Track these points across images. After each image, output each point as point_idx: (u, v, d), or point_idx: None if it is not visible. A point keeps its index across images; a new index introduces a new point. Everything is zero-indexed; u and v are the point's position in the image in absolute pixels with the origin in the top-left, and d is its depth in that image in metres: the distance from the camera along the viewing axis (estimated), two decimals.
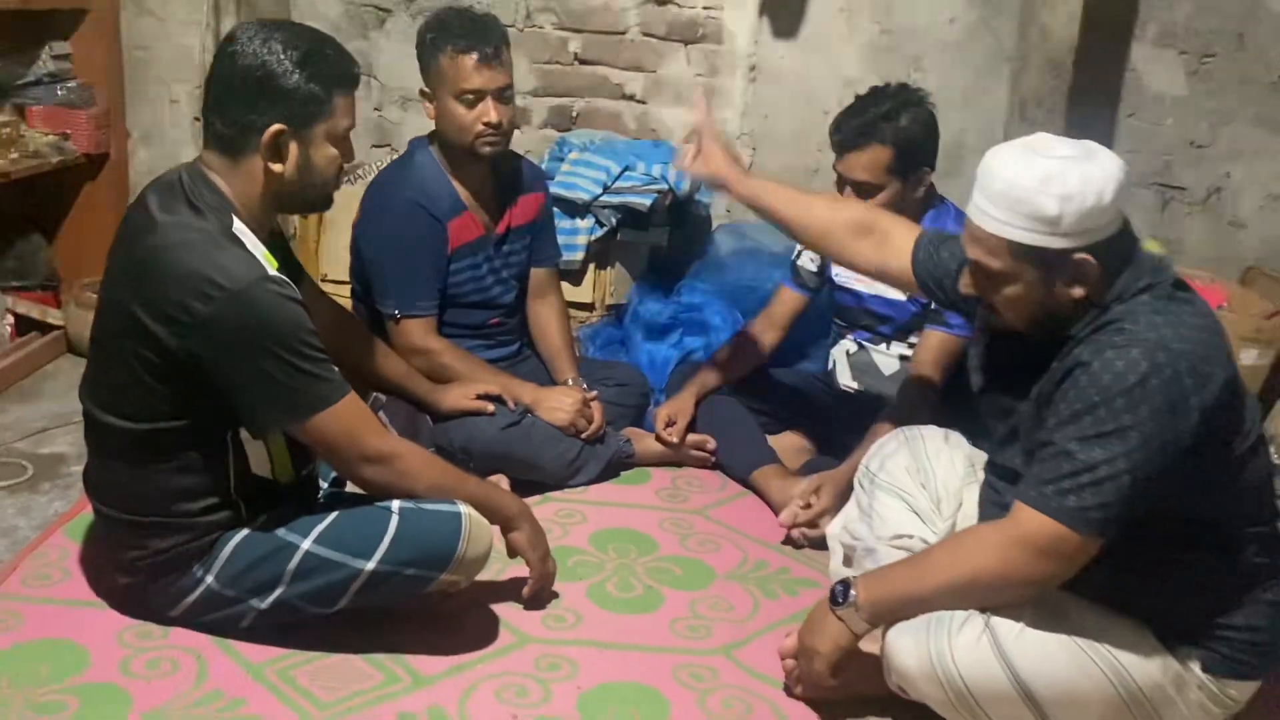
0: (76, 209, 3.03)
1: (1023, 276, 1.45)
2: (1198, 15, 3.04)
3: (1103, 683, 1.47)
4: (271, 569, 1.62)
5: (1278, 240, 3.21)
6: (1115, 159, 1.43)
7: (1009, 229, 1.42)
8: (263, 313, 1.52)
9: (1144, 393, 1.35)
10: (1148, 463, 1.37)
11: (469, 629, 1.77)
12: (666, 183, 2.86)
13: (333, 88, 1.59)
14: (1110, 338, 1.40)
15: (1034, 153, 1.43)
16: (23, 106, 2.87)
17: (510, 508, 1.82)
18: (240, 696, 1.57)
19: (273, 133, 1.57)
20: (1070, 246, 1.41)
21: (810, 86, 3.07)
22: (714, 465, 2.47)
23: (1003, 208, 1.42)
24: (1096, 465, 1.37)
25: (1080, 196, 1.38)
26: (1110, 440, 1.37)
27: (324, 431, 1.59)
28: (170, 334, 1.52)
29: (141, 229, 1.57)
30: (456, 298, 2.32)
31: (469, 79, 2.16)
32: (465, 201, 2.29)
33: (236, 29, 1.61)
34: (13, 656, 1.62)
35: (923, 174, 2.26)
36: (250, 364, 1.52)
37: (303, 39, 1.58)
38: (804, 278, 2.50)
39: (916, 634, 1.51)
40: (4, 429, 2.40)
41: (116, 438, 1.62)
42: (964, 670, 1.47)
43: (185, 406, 1.58)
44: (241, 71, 1.55)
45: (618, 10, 3.07)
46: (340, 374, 1.62)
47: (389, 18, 3.11)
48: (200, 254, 1.52)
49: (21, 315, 2.81)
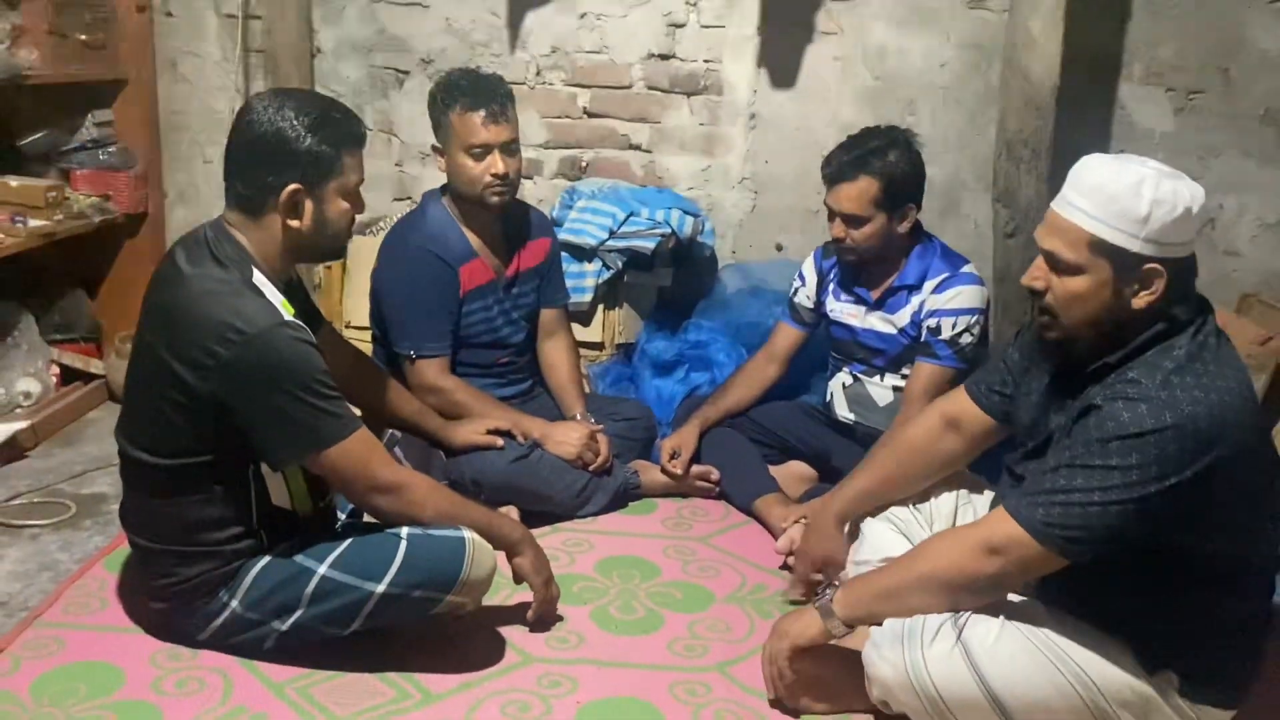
0: (117, 265, 3.21)
1: (1094, 272, 1.48)
2: (1183, 53, 3.14)
3: (1070, 694, 1.53)
4: (291, 593, 1.75)
5: (1272, 269, 3.27)
6: (1197, 188, 1.48)
7: (1095, 223, 1.47)
8: (279, 355, 1.65)
9: (1138, 444, 1.41)
10: (1122, 504, 1.43)
11: (477, 649, 1.88)
12: (669, 227, 3.00)
13: (342, 147, 1.74)
14: (1125, 389, 1.45)
15: (1130, 160, 1.50)
16: (68, 170, 3.07)
17: (513, 534, 1.93)
18: (262, 711, 1.69)
19: (290, 192, 1.71)
20: (1148, 253, 1.45)
21: (808, 132, 3.20)
22: (718, 495, 2.57)
23: (1094, 202, 1.47)
24: (1072, 490, 1.45)
25: (1171, 205, 1.44)
26: (1093, 473, 1.44)
27: (336, 464, 1.72)
28: (195, 376, 1.65)
29: (170, 281, 1.72)
30: (469, 338, 2.46)
31: (476, 134, 2.31)
32: (476, 248, 2.43)
33: (251, 99, 1.77)
34: (54, 677, 1.75)
35: (907, 210, 2.37)
36: (267, 402, 1.65)
37: (313, 105, 1.74)
38: (801, 314, 2.62)
39: (893, 646, 1.59)
40: (49, 471, 2.56)
41: (147, 473, 1.75)
42: (937, 680, 1.55)
43: (209, 443, 1.71)
44: (258, 138, 1.70)
45: (623, 66, 3.23)
46: (350, 411, 1.75)
47: (407, 79, 3.30)
48: (222, 302, 1.66)
49: (66, 366, 2.98)
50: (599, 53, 3.23)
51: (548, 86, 3.24)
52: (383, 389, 2.26)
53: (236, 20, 3.21)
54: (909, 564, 1.64)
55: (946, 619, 1.58)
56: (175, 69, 3.31)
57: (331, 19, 3.26)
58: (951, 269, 2.39)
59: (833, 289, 2.55)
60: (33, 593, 2.01)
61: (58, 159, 3.07)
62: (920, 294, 2.40)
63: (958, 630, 1.57)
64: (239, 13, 3.20)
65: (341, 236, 1.82)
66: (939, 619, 1.58)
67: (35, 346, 2.89)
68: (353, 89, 3.29)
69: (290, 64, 3.07)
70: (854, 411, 2.55)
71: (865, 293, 2.47)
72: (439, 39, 3.25)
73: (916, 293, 2.40)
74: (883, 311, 2.46)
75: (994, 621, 1.58)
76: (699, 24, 3.19)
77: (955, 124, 3.20)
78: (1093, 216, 1.48)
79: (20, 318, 2.90)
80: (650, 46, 3.22)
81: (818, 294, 2.58)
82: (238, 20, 3.21)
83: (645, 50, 3.22)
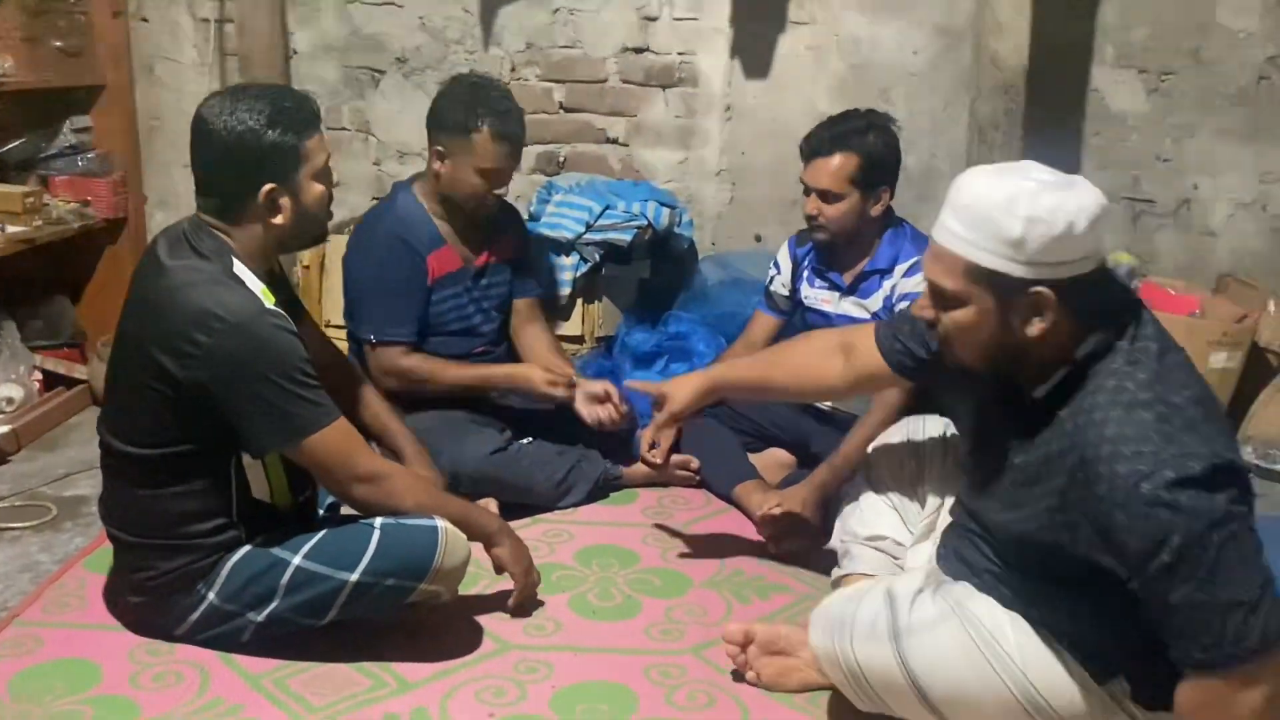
0: (98, 271, 3.23)
1: (976, 302, 1.36)
2: (1154, 35, 3.16)
3: (1001, 691, 1.46)
4: (266, 583, 1.76)
5: (1247, 247, 3.29)
6: (1096, 193, 1.34)
7: (969, 248, 1.34)
8: (261, 342, 1.67)
9: (1223, 532, 1.24)
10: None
11: (453, 638, 1.89)
12: (646, 219, 3.01)
13: (303, 134, 1.75)
14: (1134, 465, 1.26)
15: (1008, 173, 1.36)
16: (46, 177, 3.09)
17: (490, 525, 1.94)
18: (239, 703, 1.70)
19: (266, 193, 1.73)
20: (1031, 277, 1.31)
21: (784, 122, 3.21)
22: (698, 484, 2.58)
23: (966, 224, 1.34)
24: (1234, 604, 1.25)
25: (1049, 222, 1.29)
26: (1214, 586, 1.24)
27: (317, 452, 1.73)
28: (178, 365, 1.67)
29: (151, 273, 1.74)
30: (442, 325, 2.48)
31: (495, 161, 2.35)
32: (445, 235, 2.46)
33: (201, 109, 1.74)
34: (33, 675, 1.76)
35: (881, 192, 2.39)
36: (249, 389, 1.67)
37: (262, 100, 1.73)
38: (777, 302, 2.63)
39: (826, 632, 1.57)
40: (31, 475, 2.57)
41: (129, 464, 1.77)
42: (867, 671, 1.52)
43: (192, 434, 1.73)
44: (221, 147, 1.71)
45: (597, 60, 3.25)
46: (330, 400, 1.76)
47: (383, 78, 3.31)
48: (204, 292, 1.68)
49: (49, 371, 3.00)
50: (573, 47, 3.25)
51: (523, 82, 3.25)
52: (357, 393, 2.17)
53: (211, 24, 3.22)
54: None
55: (883, 612, 1.52)
56: (152, 74, 3.33)
57: (306, 20, 3.28)
58: (921, 252, 2.39)
59: (807, 275, 2.56)
60: (12, 593, 2.02)
61: (36, 165, 3.09)
62: (891, 278, 2.41)
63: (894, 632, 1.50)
64: (213, 16, 3.22)
65: (322, 217, 1.84)
66: (873, 611, 1.53)
67: (17, 352, 2.90)
68: (329, 89, 3.30)
69: (266, 66, 3.07)
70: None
71: (838, 278, 2.49)
72: (413, 37, 3.27)
73: (888, 277, 2.42)
74: (856, 296, 2.47)
75: (942, 605, 1.51)
76: (672, 17, 3.21)
77: (929, 110, 3.22)
78: (966, 241, 1.34)
79: (2, 324, 2.91)
80: (624, 40, 3.23)
81: (793, 281, 2.59)
82: (212, 24, 3.22)
83: (619, 44, 3.23)
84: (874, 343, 1.77)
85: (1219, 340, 2.86)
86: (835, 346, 1.84)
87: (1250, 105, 3.19)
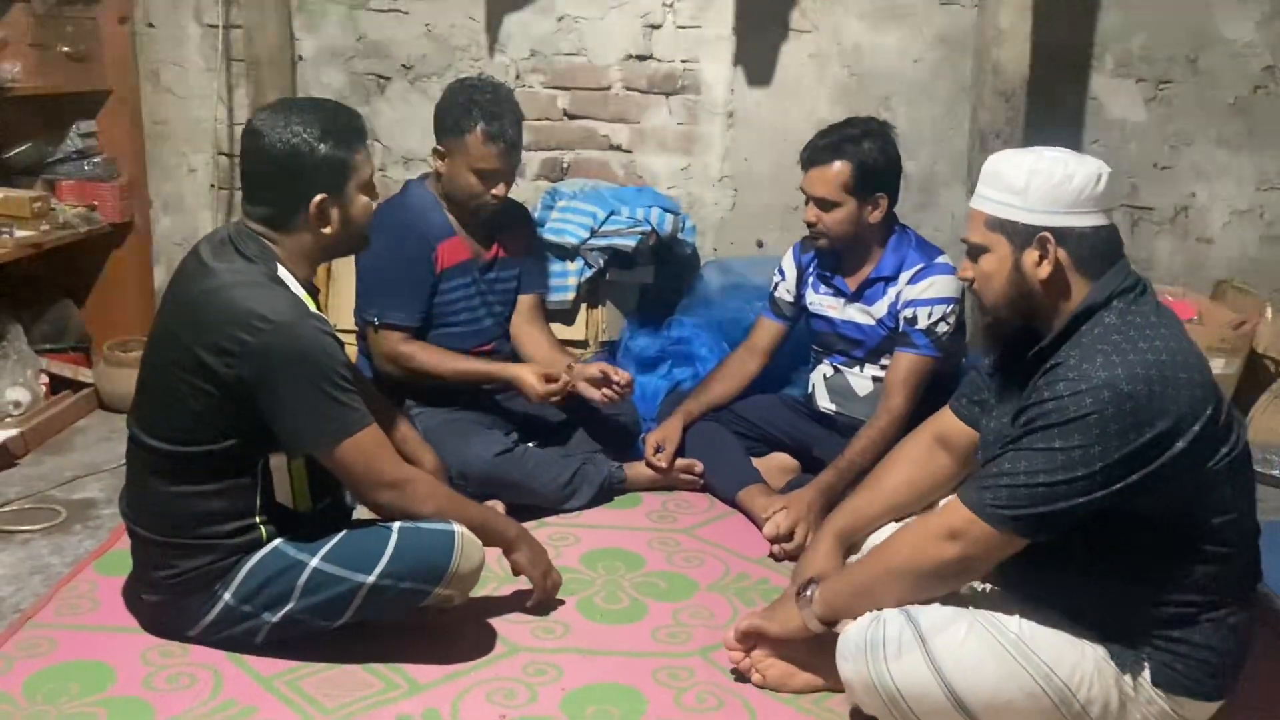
0: (104, 275, 3.25)
1: (996, 249, 1.58)
2: (1152, 44, 3.19)
3: (1038, 695, 1.52)
4: (283, 584, 1.77)
5: (1244, 254, 3.32)
6: (1100, 165, 1.55)
7: (988, 203, 1.59)
8: (304, 345, 1.70)
9: (1079, 426, 1.43)
10: (1069, 483, 1.44)
11: (464, 641, 1.91)
12: (650, 225, 3.04)
13: (351, 147, 1.80)
14: (1066, 373, 1.47)
15: (1027, 150, 1.59)
16: (53, 181, 3.10)
17: (509, 531, 1.98)
18: (252, 704, 1.71)
19: (317, 203, 1.78)
20: (1037, 223, 1.53)
21: (786, 130, 3.23)
22: (702, 488, 2.60)
23: (988, 186, 1.60)
24: (1017, 473, 1.48)
25: (1048, 173, 1.52)
26: (1036, 456, 1.47)
27: (348, 457, 1.76)
28: (222, 363, 1.70)
29: (196, 274, 1.78)
30: (447, 316, 2.51)
31: (490, 161, 2.39)
32: (455, 227, 2.50)
33: (253, 121, 1.81)
34: (47, 676, 1.77)
35: (878, 199, 2.41)
36: (290, 390, 1.70)
37: (314, 112, 1.79)
38: (781, 308, 2.66)
39: (856, 659, 1.59)
40: (40, 478, 2.58)
41: (160, 459, 1.78)
42: (903, 689, 1.54)
43: (226, 432, 1.75)
44: (275, 159, 1.76)
45: (601, 67, 3.27)
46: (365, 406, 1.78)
47: (388, 85, 3.33)
48: (250, 293, 1.71)
49: (55, 375, 3.01)
50: (577, 55, 3.27)
51: (527, 89, 3.27)
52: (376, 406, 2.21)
53: (218, 30, 3.24)
54: (879, 558, 1.67)
55: (905, 625, 1.56)
56: (158, 79, 3.35)
57: (312, 26, 3.30)
58: (926, 259, 2.43)
59: (812, 282, 2.59)
60: (24, 595, 2.04)
61: (43, 170, 3.11)
62: (896, 285, 2.44)
63: (920, 637, 1.55)
64: (220, 22, 3.23)
65: (366, 227, 1.89)
66: (898, 626, 1.56)
67: (24, 356, 2.92)
68: (335, 96, 3.31)
69: (272, 72, 3.11)
70: (835, 402, 2.59)
71: (843, 285, 2.52)
72: (419, 44, 3.29)
73: (893, 284, 2.44)
74: (861, 303, 2.50)
75: (961, 624, 1.56)
76: (675, 25, 3.24)
77: (930, 118, 3.25)
78: (986, 198, 1.60)
79: (9, 328, 2.93)
80: (628, 48, 3.26)
81: (797, 287, 2.62)
82: (219, 30, 3.24)
83: (623, 52, 3.26)
84: (958, 421, 1.83)
85: (1217, 346, 2.89)
86: (931, 445, 1.88)
87: (1247, 114, 3.23)
